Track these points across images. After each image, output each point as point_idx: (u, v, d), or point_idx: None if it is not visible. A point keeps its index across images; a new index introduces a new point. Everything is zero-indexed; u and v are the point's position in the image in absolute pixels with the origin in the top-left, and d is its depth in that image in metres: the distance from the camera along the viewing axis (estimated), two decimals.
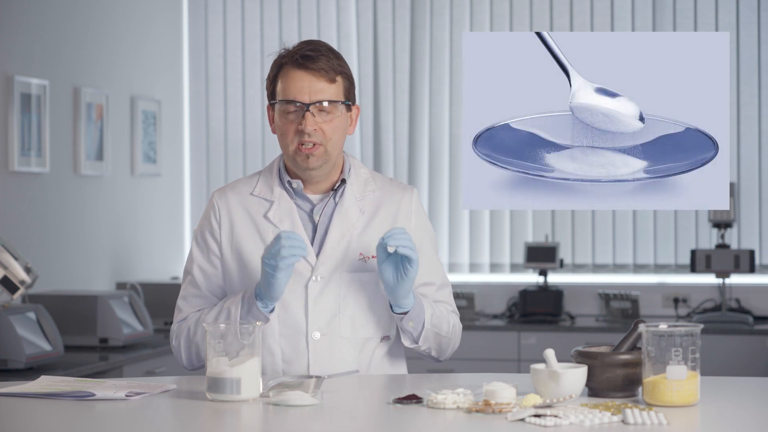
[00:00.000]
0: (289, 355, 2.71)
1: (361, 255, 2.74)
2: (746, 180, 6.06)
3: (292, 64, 2.70)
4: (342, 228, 2.74)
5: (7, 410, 2.32)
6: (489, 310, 6.21)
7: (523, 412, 2.17)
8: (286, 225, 2.73)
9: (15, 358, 4.21)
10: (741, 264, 5.73)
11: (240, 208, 2.78)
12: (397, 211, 2.79)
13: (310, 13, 6.48)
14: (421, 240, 2.80)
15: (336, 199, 2.76)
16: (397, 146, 6.42)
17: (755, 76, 6.06)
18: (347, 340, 2.71)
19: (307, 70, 2.68)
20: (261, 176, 2.81)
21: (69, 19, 5.46)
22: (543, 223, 6.26)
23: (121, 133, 5.87)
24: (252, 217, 2.76)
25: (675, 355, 2.27)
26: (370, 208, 2.78)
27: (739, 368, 5.36)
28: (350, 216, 2.75)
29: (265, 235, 2.74)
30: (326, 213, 2.76)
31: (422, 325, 2.71)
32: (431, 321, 2.72)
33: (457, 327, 2.83)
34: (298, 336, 2.70)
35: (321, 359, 2.70)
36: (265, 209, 2.76)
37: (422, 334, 2.72)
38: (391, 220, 2.78)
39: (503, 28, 6.30)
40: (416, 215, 2.82)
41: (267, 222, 2.75)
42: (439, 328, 2.74)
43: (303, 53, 2.69)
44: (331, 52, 2.72)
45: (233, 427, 2.21)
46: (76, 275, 5.46)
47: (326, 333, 2.71)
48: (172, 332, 2.78)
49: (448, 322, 2.78)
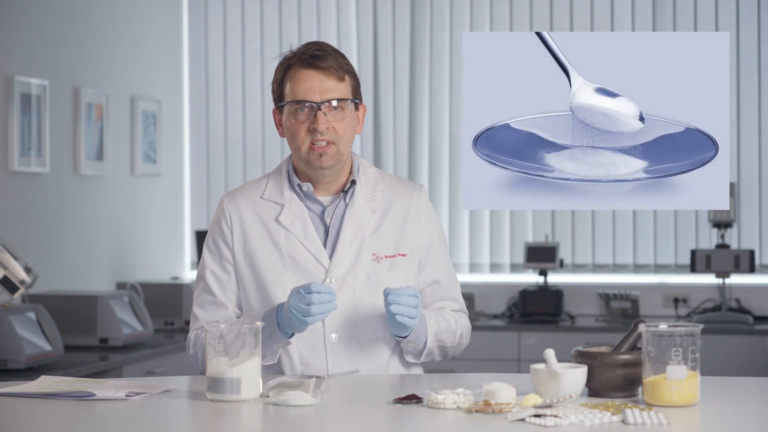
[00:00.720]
0: (307, 358, 2.71)
1: (374, 255, 2.74)
2: (746, 180, 6.06)
3: (301, 64, 2.70)
4: (354, 229, 2.74)
5: (7, 410, 2.32)
6: (489, 310, 6.21)
7: (523, 412, 2.17)
8: (297, 228, 2.73)
9: (15, 358, 4.21)
10: (741, 264, 5.73)
11: (251, 213, 2.77)
12: (407, 210, 2.80)
13: (310, 13, 6.48)
14: (431, 238, 2.81)
15: (346, 201, 2.77)
16: (397, 146, 6.42)
17: (755, 76, 6.06)
18: (364, 341, 2.72)
19: (317, 69, 2.68)
20: (270, 179, 2.81)
21: (69, 19, 5.46)
22: (543, 223, 6.26)
23: (121, 133, 5.87)
24: (263, 221, 2.76)
25: (675, 355, 2.27)
26: (380, 208, 2.78)
27: (739, 368, 5.36)
28: (362, 216, 2.75)
29: (277, 239, 2.73)
30: (337, 214, 2.76)
31: (424, 344, 2.71)
32: (435, 338, 2.72)
33: (465, 330, 2.83)
34: (316, 339, 2.70)
35: (339, 360, 2.70)
36: (276, 213, 2.76)
37: (424, 352, 2.73)
38: (401, 220, 2.78)
39: (503, 28, 6.30)
40: (426, 214, 2.82)
41: (278, 225, 2.74)
42: (443, 342, 2.75)
43: (311, 53, 2.69)
44: (337, 51, 2.72)
45: (233, 427, 2.21)
46: (76, 275, 5.46)
47: (343, 334, 2.71)
48: (189, 341, 2.77)
49: (455, 333, 2.77)
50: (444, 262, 2.84)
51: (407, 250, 2.77)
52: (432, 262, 2.80)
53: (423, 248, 2.79)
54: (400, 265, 2.75)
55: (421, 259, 2.79)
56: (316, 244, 2.72)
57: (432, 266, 2.80)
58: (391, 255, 2.75)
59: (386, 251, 2.74)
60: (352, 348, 2.71)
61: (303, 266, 2.71)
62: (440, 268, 2.82)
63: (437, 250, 2.82)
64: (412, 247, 2.77)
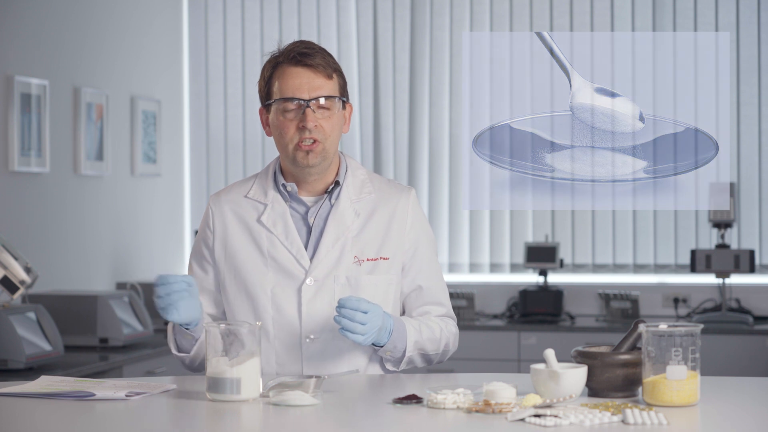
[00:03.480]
0: (282, 358, 2.70)
1: (356, 258, 2.72)
2: (746, 180, 6.06)
3: (289, 62, 2.70)
4: (337, 231, 2.72)
5: (7, 410, 2.32)
6: (489, 310, 6.21)
7: (523, 412, 2.17)
8: (279, 228, 2.72)
9: (15, 358, 4.21)
10: (741, 264, 5.73)
11: (234, 213, 2.77)
12: (393, 213, 2.77)
13: (310, 13, 6.48)
14: (417, 242, 2.78)
15: (331, 201, 2.75)
16: (397, 146, 6.42)
17: (755, 76, 6.06)
18: (342, 345, 2.70)
19: (305, 66, 2.68)
20: (257, 179, 2.80)
21: (69, 19, 5.46)
22: (543, 223, 6.26)
23: (121, 133, 5.87)
24: (245, 221, 2.76)
25: (675, 355, 2.27)
26: (365, 211, 2.76)
27: (739, 368, 5.36)
28: (345, 218, 2.73)
29: (259, 239, 2.73)
30: (321, 215, 2.74)
31: (403, 353, 2.69)
32: (415, 347, 2.70)
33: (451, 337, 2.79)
34: (292, 339, 2.69)
35: (314, 362, 2.69)
36: (258, 213, 2.75)
37: (403, 360, 2.71)
38: (386, 223, 2.75)
39: (503, 28, 6.30)
40: (412, 216, 2.78)
41: (260, 226, 2.74)
42: (425, 350, 2.73)
43: (299, 51, 2.69)
44: (324, 50, 2.72)
45: (233, 427, 2.21)
46: (76, 275, 5.46)
47: (320, 336, 2.70)
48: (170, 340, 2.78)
49: (438, 341, 2.75)
50: (430, 267, 2.79)
51: (390, 253, 2.74)
52: (417, 266, 2.77)
53: (408, 252, 2.76)
54: (381, 269, 2.73)
55: (405, 263, 2.76)
56: (297, 245, 2.71)
57: (416, 270, 2.77)
58: (373, 258, 2.73)
59: (369, 254, 2.72)
60: (328, 351, 2.69)
61: (283, 267, 2.71)
62: (425, 273, 2.78)
63: (423, 253, 2.78)
64: (395, 251, 2.75)
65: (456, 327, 2.83)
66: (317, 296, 2.69)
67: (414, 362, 2.74)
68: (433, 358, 2.77)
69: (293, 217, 2.74)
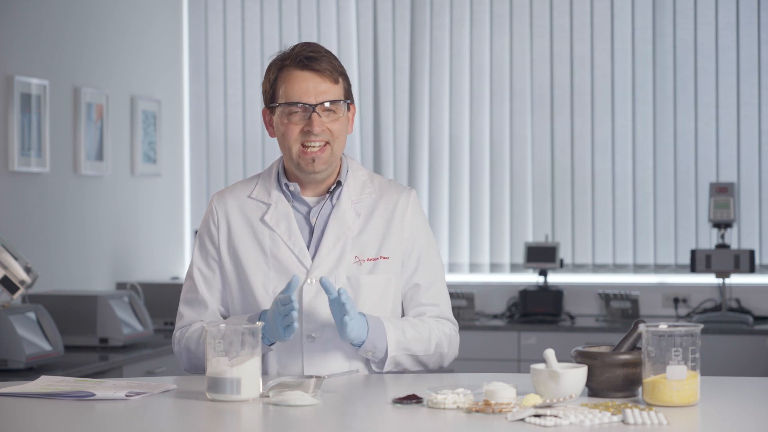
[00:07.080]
0: (284, 358, 2.71)
1: (357, 258, 2.73)
2: (746, 180, 6.06)
3: (295, 65, 2.69)
4: (338, 231, 2.73)
5: (7, 410, 2.32)
6: (489, 310, 6.21)
7: (523, 412, 2.17)
8: (282, 228, 2.73)
9: (15, 358, 4.21)
10: (741, 264, 5.73)
11: (238, 212, 2.77)
12: (392, 212, 2.78)
13: (310, 13, 6.48)
14: (415, 241, 2.78)
15: (333, 202, 2.76)
16: (397, 146, 6.42)
17: (755, 76, 6.06)
18: (342, 344, 2.70)
19: (311, 71, 2.68)
20: (260, 179, 2.81)
21: (69, 19, 5.46)
22: (543, 223, 6.26)
23: (121, 133, 5.87)
24: (249, 220, 2.76)
25: (675, 355, 2.27)
26: (366, 211, 2.77)
27: (739, 368, 5.36)
28: (346, 219, 2.74)
29: (262, 239, 2.74)
30: (323, 215, 2.75)
31: (385, 353, 2.68)
32: (399, 347, 2.69)
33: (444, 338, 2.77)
34: (293, 338, 2.69)
35: (315, 362, 2.69)
36: (262, 212, 2.76)
37: (386, 362, 2.69)
38: (386, 222, 2.76)
39: (503, 28, 6.30)
40: (411, 215, 2.79)
41: (264, 225, 2.75)
42: (411, 351, 2.71)
43: (305, 54, 2.68)
44: (330, 53, 2.72)
45: (233, 427, 2.21)
46: (76, 275, 5.46)
47: (321, 336, 2.70)
48: (174, 338, 2.79)
49: (428, 341, 2.73)
50: (428, 266, 2.79)
51: (390, 253, 2.74)
52: (414, 266, 2.77)
53: (406, 251, 2.77)
54: (381, 268, 2.73)
55: (403, 262, 2.77)
56: (300, 245, 2.72)
57: (414, 269, 2.77)
58: (374, 258, 2.73)
59: (369, 254, 2.73)
60: (329, 350, 2.70)
61: (285, 266, 2.71)
62: (423, 272, 2.78)
63: (421, 252, 2.78)
64: (394, 250, 2.75)
65: (453, 330, 2.82)
66: (318, 296, 2.69)
67: (402, 364, 2.73)
68: (426, 361, 2.76)
69: (296, 217, 2.75)
